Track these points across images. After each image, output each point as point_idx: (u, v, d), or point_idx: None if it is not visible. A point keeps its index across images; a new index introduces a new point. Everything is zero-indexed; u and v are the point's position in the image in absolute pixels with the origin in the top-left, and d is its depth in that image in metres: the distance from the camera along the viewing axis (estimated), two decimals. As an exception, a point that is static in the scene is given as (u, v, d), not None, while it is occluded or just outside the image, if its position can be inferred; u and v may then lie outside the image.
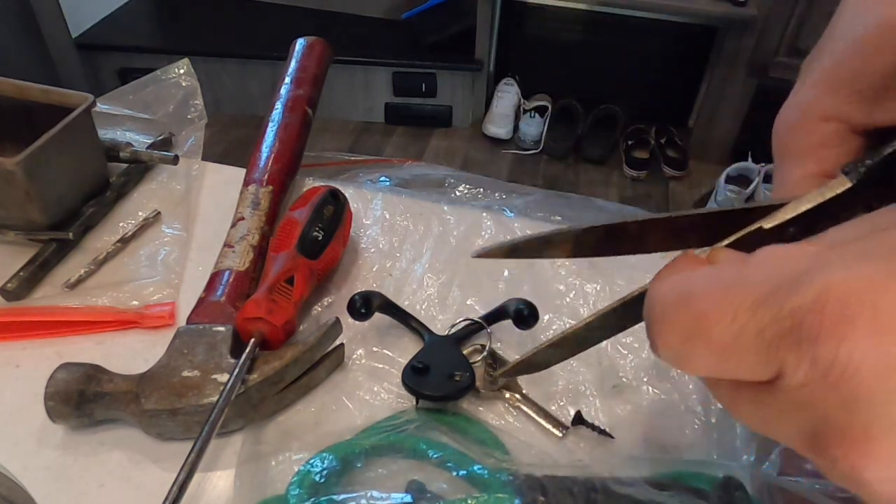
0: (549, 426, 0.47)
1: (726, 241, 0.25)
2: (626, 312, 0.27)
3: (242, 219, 0.56)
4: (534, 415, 0.47)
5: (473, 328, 0.51)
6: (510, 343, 0.53)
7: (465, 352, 0.49)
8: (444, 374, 0.46)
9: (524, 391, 0.49)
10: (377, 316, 0.51)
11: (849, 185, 0.24)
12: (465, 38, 2.13)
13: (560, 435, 0.46)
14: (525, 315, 0.50)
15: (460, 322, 0.52)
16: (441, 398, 0.46)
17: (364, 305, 0.50)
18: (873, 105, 0.25)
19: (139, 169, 0.67)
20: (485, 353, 0.49)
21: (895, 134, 0.24)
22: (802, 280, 0.17)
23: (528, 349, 0.31)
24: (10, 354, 0.50)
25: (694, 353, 0.19)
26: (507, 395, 0.48)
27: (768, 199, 0.26)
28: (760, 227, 0.24)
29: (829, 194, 0.24)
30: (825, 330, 0.16)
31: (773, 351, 0.17)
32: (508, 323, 0.51)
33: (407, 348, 0.52)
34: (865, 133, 0.26)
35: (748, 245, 0.24)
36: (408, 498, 0.39)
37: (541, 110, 2.24)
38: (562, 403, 0.48)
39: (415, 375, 0.46)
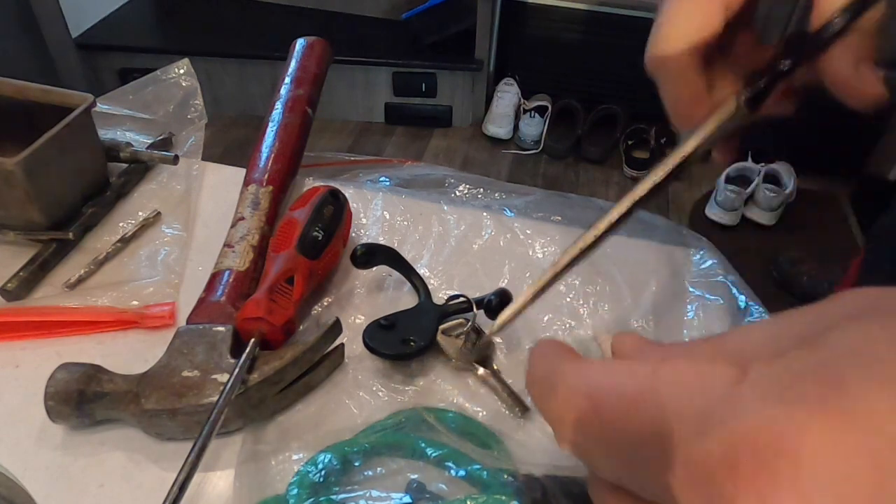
0: (507, 405, 0.48)
1: (663, 172, 0.31)
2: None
3: (242, 219, 0.56)
4: (497, 393, 0.49)
5: (465, 306, 0.53)
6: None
7: (449, 324, 0.51)
8: (401, 337, 0.49)
9: (496, 368, 0.50)
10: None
11: (734, 107, 0.30)
12: (465, 38, 2.13)
13: (519, 416, 0.47)
14: (492, 306, 0.52)
15: (457, 299, 0.53)
16: (381, 355, 0.48)
17: (366, 254, 0.53)
18: None
19: (139, 169, 0.66)
20: (468, 328, 0.51)
21: (780, 57, 0.29)
22: (712, 422, 0.15)
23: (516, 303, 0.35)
24: (10, 354, 0.50)
25: (599, 456, 0.18)
26: (480, 371, 0.49)
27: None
28: (682, 158, 0.30)
29: (723, 116, 0.30)
30: (741, 490, 0.14)
31: (687, 496, 0.15)
32: None
33: (407, 348, 0.52)
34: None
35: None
36: (407, 498, 0.39)
37: (541, 110, 2.23)
38: (562, 403, 0.48)
39: (376, 329, 0.49)
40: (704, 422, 0.15)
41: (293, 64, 0.69)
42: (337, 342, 0.49)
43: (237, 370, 0.44)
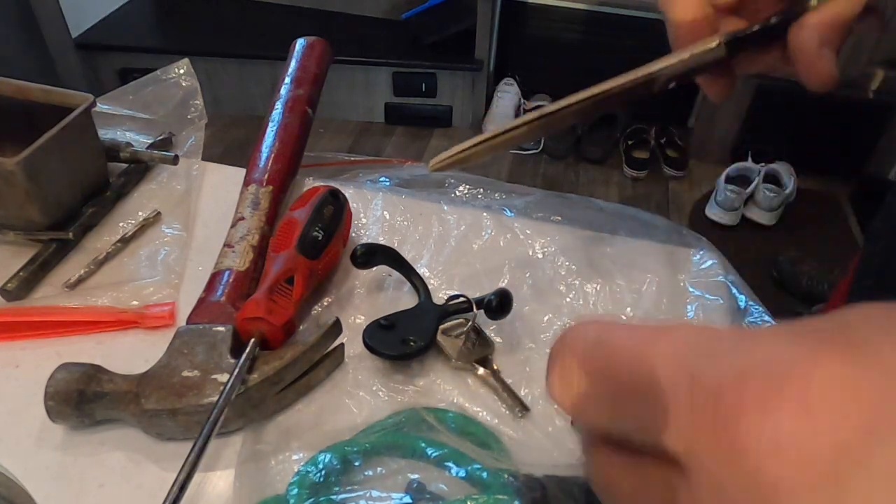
0: (507, 405, 0.48)
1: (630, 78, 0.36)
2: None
3: (242, 219, 0.56)
4: (497, 393, 0.49)
5: (465, 306, 0.53)
6: (500, 325, 0.54)
7: (449, 324, 0.51)
8: (401, 337, 0.49)
9: (496, 368, 0.50)
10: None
11: (714, 43, 0.33)
12: (465, 38, 2.13)
13: (519, 416, 0.47)
14: (492, 306, 0.51)
15: (457, 299, 0.53)
16: (381, 355, 0.48)
17: (366, 254, 0.53)
18: None
19: (139, 169, 0.66)
20: (468, 328, 0.51)
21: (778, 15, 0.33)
22: (724, 352, 0.15)
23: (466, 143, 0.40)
24: (10, 354, 0.50)
25: (594, 394, 0.18)
26: (480, 371, 0.49)
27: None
28: (650, 73, 0.35)
29: (701, 47, 0.34)
30: (747, 408, 0.14)
31: (685, 425, 0.15)
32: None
33: (407, 348, 0.52)
34: None
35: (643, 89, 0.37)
36: (407, 498, 0.39)
37: (541, 110, 2.24)
38: (562, 403, 0.48)
39: (376, 329, 0.49)
40: (715, 353, 0.16)
41: (293, 64, 0.69)
42: (337, 342, 0.49)
43: (237, 370, 0.44)
